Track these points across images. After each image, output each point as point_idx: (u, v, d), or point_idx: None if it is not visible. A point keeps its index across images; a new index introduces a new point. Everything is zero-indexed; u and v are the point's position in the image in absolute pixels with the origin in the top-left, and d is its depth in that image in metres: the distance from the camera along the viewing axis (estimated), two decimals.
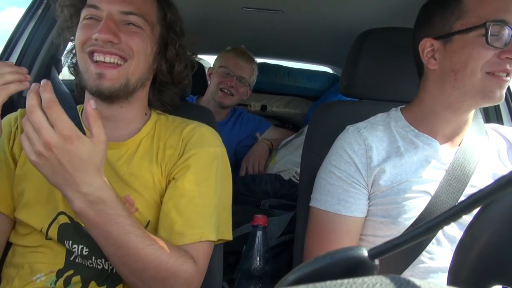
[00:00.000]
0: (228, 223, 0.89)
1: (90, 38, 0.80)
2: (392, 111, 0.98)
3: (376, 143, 0.90)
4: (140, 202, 0.83)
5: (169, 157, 0.86)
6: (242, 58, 1.81)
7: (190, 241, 0.79)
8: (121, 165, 0.85)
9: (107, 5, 0.81)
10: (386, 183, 0.86)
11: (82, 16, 0.85)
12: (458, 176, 0.86)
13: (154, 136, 0.90)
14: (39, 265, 0.80)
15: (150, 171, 0.85)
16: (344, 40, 1.47)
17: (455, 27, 0.85)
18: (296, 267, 0.28)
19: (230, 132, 1.83)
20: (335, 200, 0.89)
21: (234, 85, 1.77)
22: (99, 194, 0.67)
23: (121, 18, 0.82)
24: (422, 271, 0.83)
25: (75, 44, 0.85)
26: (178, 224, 0.80)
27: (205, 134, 0.90)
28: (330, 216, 0.89)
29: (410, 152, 0.88)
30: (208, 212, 0.83)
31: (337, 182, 0.90)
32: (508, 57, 0.80)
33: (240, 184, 1.55)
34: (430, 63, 0.89)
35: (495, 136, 0.97)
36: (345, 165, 0.89)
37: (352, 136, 0.91)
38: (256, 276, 1.02)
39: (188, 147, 0.86)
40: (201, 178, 0.84)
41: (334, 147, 0.94)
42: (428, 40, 0.89)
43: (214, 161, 0.87)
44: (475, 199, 0.25)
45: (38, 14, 1.38)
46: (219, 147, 0.91)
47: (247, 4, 1.54)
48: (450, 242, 0.84)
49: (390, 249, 0.27)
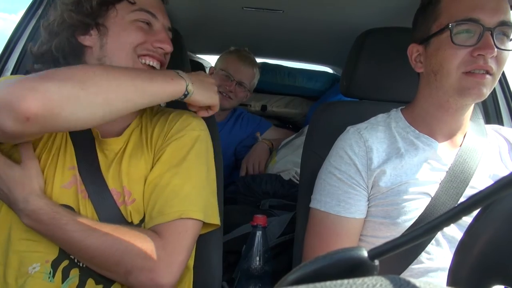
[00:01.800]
0: (215, 208, 0.89)
1: (146, 43, 0.86)
2: (392, 111, 0.99)
3: (377, 144, 0.90)
4: (136, 193, 0.85)
5: (156, 143, 0.89)
6: (244, 63, 1.80)
7: (170, 219, 0.79)
8: (117, 159, 0.87)
9: (162, 18, 0.91)
10: (386, 184, 0.86)
11: (134, 17, 0.87)
12: (458, 178, 0.86)
13: (142, 126, 0.92)
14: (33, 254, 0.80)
15: (143, 161, 0.87)
16: (344, 40, 1.47)
17: (432, 29, 0.86)
18: (296, 267, 0.28)
19: (230, 132, 1.82)
20: (335, 201, 0.89)
21: (233, 89, 1.76)
22: (31, 208, 0.76)
23: (168, 33, 0.92)
24: (421, 271, 0.83)
25: (120, 39, 0.86)
26: (158, 204, 0.81)
27: (188, 118, 0.92)
28: (330, 217, 0.89)
29: (410, 153, 0.89)
30: (190, 192, 0.83)
31: (337, 184, 0.90)
32: (480, 54, 0.80)
33: (240, 184, 1.55)
34: (417, 67, 0.92)
35: (496, 137, 0.97)
36: (345, 166, 0.90)
37: (352, 137, 0.91)
38: (255, 276, 1.02)
39: (172, 132, 0.89)
40: (180, 159, 0.85)
41: (335, 148, 0.94)
42: (414, 45, 0.92)
43: (196, 143, 0.88)
44: (475, 200, 0.25)
45: (38, 14, 1.38)
46: (202, 131, 0.92)
47: (247, 4, 1.54)
48: (449, 242, 0.84)
49: (390, 249, 0.27)
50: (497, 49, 0.80)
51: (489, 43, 0.79)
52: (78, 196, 0.82)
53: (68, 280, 0.79)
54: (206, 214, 0.83)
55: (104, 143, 0.88)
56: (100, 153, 0.87)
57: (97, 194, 0.83)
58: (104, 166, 0.86)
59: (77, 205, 0.82)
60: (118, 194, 0.84)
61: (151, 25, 0.89)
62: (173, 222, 0.79)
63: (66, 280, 0.79)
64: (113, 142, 0.89)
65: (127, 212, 0.84)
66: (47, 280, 0.78)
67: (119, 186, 0.85)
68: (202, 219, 0.82)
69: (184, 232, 0.80)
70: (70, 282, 0.79)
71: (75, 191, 0.83)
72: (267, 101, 2.32)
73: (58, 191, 0.82)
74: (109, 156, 0.87)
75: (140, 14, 0.88)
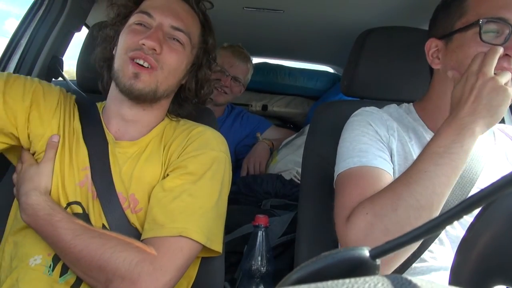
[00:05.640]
0: (219, 234, 0.85)
1: (136, 43, 0.84)
2: (404, 104, 0.99)
3: (393, 125, 0.89)
4: (144, 202, 0.84)
5: (171, 155, 0.88)
6: (239, 58, 1.81)
7: (170, 234, 0.77)
8: (129, 164, 0.87)
9: (160, 16, 0.87)
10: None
11: (131, 20, 0.89)
12: (464, 178, 0.85)
13: (163, 137, 0.92)
14: (36, 245, 0.81)
15: (154, 171, 0.86)
16: (345, 39, 1.47)
17: (456, 26, 0.85)
18: (297, 266, 0.28)
19: (229, 131, 1.82)
20: (371, 156, 0.82)
21: (228, 84, 1.78)
22: (29, 202, 0.79)
23: (169, 31, 0.88)
24: (424, 270, 0.83)
25: (119, 45, 0.88)
26: (161, 216, 0.79)
27: (209, 138, 0.91)
28: (369, 169, 0.80)
29: (416, 150, 0.88)
30: (196, 210, 0.81)
31: (370, 142, 0.85)
32: (507, 54, 0.79)
33: (241, 184, 1.55)
34: (434, 63, 0.90)
35: (501, 136, 0.97)
36: (372, 132, 0.86)
37: (372, 113, 0.90)
38: (257, 276, 1.02)
39: (190, 148, 0.87)
40: (195, 177, 0.83)
41: (353, 123, 0.90)
42: (433, 40, 0.90)
43: (214, 164, 0.86)
44: (476, 199, 0.25)
45: (39, 15, 1.38)
46: (222, 152, 0.90)
47: (248, 4, 1.54)
48: (452, 242, 0.84)
49: (392, 248, 0.27)
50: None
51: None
52: (88, 195, 0.83)
53: (66, 275, 0.79)
54: (208, 238, 0.80)
55: (118, 145, 0.89)
56: (111, 155, 0.87)
57: (104, 195, 0.83)
58: (115, 169, 0.86)
59: (87, 204, 0.83)
60: (123, 199, 0.84)
61: (148, 26, 0.88)
62: (171, 238, 0.77)
63: (64, 275, 0.79)
64: (126, 145, 0.89)
65: (132, 219, 0.83)
66: (47, 273, 0.79)
67: (125, 191, 0.84)
68: (203, 242, 0.79)
69: (179, 251, 0.76)
70: (67, 278, 0.79)
71: (86, 190, 0.84)
72: (268, 101, 2.32)
73: (73, 188, 0.84)
74: (120, 159, 0.87)
75: (137, 17, 0.88)
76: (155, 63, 0.85)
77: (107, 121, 0.92)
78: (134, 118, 0.91)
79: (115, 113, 0.92)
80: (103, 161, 0.86)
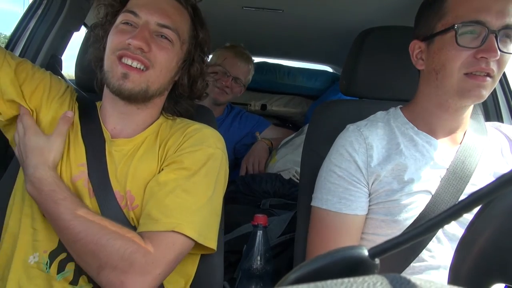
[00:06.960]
0: (214, 231, 0.85)
1: (122, 43, 0.84)
2: (391, 109, 0.99)
3: (377, 141, 0.90)
4: (140, 198, 0.84)
5: (167, 153, 0.88)
6: (241, 59, 1.81)
7: (163, 229, 0.77)
8: (125, 161, 0.87)
9: (146, 15, 0.86)
10: (387, 181, 0.86)
11: (118, 20, 0.88)
12: (458, 175, 0.86)
13: (158, 134, 0.92)
14: (35, 243, 0.81)
15: (150, 168, 0.86)
16: (344, 39, 1.47)
17: (437, 28, 0.86)
18: (296, 266, 0.28)
19: (228, 130, 1.82)
20: (336, 199, 0.89)
21: (229, 85, 1.78)
22: (37, 175, 0.79)
23: (156, 29, 0.86)
24: (422, 269, 0.83)
25: (107, 45, 0.88)
26: (155, 211, 0.79)
27: (206, 135, 0.91)
28: (331, 214, 0.89)
29: (410, 150, 0.89)
30: (190, 207, 0.81)
31: (338, 181, 0.89)
32: (483, 56, 0.79)
33: (240, 183, 1.55)
34: (418, 64, 0.92)
35: (496, 134, 0.97)
36: (346, 163, 0.89)
37: (352, 134, 0.91)
38: (257, 275, 1.02)
39: (186, 144, 0.87)
40: (189, 173, 0.83)
41: (335, 146, 0.94)
42: (416, 42, 0.91)
43: (210, 161, 0.86)
44: (475, 198, 0.25)
45: (38, 14, 1.38)
46: (219, 149, 0.90)
47: (248, 3, 1.54)
48: (450, 240, 0.84)
49: (391, 248, 0.27)
50: (500, 52, 0.79)
51: (493, 46, 0.79)
52: (84, 192, 0.84)
53: (64, 273, 0.79)
54: (200, 234, 0.80)
55: (114, 143, 0.89)
56: (108, 153, 0.87)
57: (101, 192, 0.83)
58: (111, 167, 0.86)
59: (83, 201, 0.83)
60: (121, 197, 0.84)
61: (135, 25, 0.86)
62: (164, 232, 0.77)
63: (62, 272, 0.79)
64: (122, 143, 0.89)
65: (130, 217, 0.84)
66: (45, 271, 0.79)
67: (122, 189, 0.85)
68: (195, 238, 0.80)
69: (171, 245, 0.77)
70: (65, 275, 0.79)
71: (82, 186, 0.84)
72: (267, 100, 2.32)
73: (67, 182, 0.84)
74: (116, 157, 0.87)
75: (123, 16, 0.88)
76: (147, 62, 0.84)
77: (103, 120, 0.93)
78: (129, 117, 0.91)
79: (110, 112, 0.92)
80: (100, 159, 0.86)
